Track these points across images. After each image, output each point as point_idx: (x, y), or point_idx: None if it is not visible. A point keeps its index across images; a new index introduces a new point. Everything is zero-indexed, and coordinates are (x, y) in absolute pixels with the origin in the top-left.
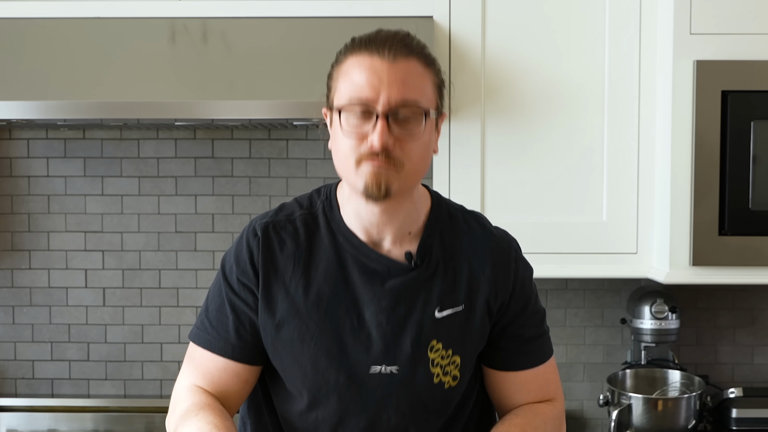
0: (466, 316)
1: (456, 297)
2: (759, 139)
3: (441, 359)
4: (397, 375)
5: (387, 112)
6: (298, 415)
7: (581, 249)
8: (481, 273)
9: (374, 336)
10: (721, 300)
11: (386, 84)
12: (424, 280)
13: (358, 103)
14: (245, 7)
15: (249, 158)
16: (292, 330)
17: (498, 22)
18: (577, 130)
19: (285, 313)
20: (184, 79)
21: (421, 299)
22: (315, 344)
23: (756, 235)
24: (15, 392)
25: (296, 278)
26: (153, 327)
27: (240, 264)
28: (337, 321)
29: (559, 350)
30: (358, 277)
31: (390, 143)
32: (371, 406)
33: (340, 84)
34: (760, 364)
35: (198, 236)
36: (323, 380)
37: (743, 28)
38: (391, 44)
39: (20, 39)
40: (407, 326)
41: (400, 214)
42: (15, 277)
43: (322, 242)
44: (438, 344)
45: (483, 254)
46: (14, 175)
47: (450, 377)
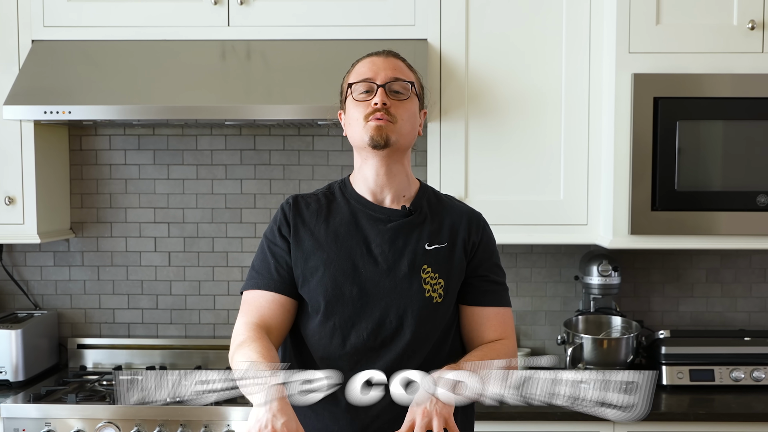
0: (449, 251)
1: (441, 237)
2: (683, 135)
3: (431, 279)
4: (397, 288)
5: (383, 83)
6: (319, 326)
7: (543, 221)
8: (459, 224)
9: (379, 260)
10: (653, 261)
11: (382, 68)
12: (416, 224)
13: (364, 80)
14: (280, 32)
15: (283, 150)
16: (317, 259)
17: (478, 44)
18: (540, 129)
19: (311, 248)
20: (232, 88)
21: (414, 236)
22: (334, 267)
23: (681, 210)
24: (99, 334)
25: (318, 224)
26: (207, 282)
27: (277, 222)
28: (350, 250)
29: (525, 301)
30: (366, 222)
31: (387, 103)
32: (377, 313)
33: (350, 77)
34: (684, 311)
35: (243, 211)
36: (341, 293)
37: (670, 48)
38: (385, 51)
39: (105, 57)
40: (404, 254)
41: (396, 177)
42: (99, 244)
43: (338, 204)
44: (428, 268)
45: (460, 215)
46: (99, 164)
47: (437, 294)
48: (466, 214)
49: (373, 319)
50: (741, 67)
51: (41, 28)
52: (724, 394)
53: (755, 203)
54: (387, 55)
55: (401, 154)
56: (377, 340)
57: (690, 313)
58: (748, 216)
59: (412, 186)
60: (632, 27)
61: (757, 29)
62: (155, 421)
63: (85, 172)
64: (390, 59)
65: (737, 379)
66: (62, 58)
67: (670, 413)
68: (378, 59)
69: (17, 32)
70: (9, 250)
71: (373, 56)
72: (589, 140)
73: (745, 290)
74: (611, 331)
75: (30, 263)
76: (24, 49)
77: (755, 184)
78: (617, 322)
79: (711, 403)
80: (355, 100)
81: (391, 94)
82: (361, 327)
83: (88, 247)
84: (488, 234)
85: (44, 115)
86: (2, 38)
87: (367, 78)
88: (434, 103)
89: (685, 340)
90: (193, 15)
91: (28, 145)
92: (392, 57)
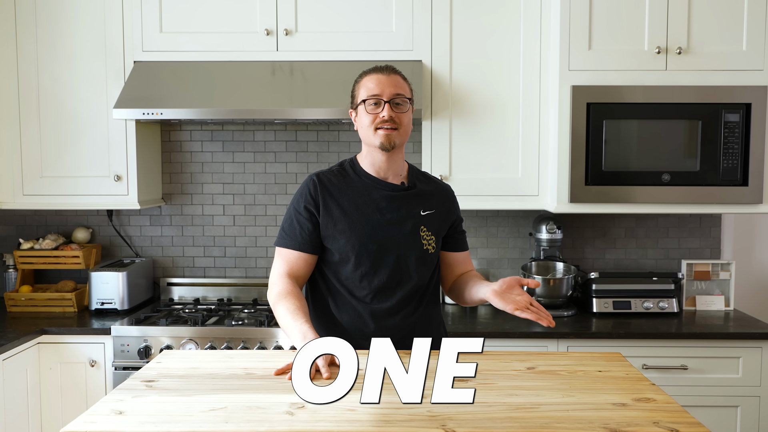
0: (437, 216)
1: (431, 205)
2: (608, 130)
3: (427, 236)
4: (404, 244)
5: (389, 99)
6: (350, 272)
7: (506, 193)
8: (441, 196)
9: (389, 223)
10: (586, 222)
11: (387, 85)
12: (412, 196)
13: (373, 97)
14: (314, 55)
15: (317, 141)
16: (344, 223)
17: (459, 64)
18: (504, 125)
19: (338, 214)
20: (279, 96)
21: (412, 204)
22: (358, 229)
23: (607, 185)
24: (183, 275)
25: (341, 197)
26: (262, 237)
27: (303, 196)
28: (368, 216)
29: (493, 251)
30: (376, 194)
31: (393, 115)
32: (392, 262)
33: (360, 91)
34: (609, 258)
35: (287, 186)
36: (365, 249)
37: (599, 66)
38: (386, 68)
39: (187, 73)
40: (407, 219)
41: (396, 162)
42: (183, 209)
43: (352, 180)
44: (424, 228)
45: (440, 190)
46: (182, 151)
47: (431, 246)
48: (444, 189)
49: (389, 266)
50: (650, 81)
51: (141, 52)
52: (638, 319)
53: (661, 180)
54: (389, 72)
55: (400, 148)
56: (393, 281)
57: (613, 260)
58: (655, 189)
59: (405, 166)
60: (571, 51)
61: (662, 53)
62: (223, 339)
63: (172, 157)
64: (392, 76)
65: (648, 308)
66: (156, 74)
67: (598, 333)
68: (383, 77)
69: (123, 56)
70: (117, 214)
71: (378, 73)
72: (540, 133)
73: (653, 243)
74: (556, 273)
75: (132, 224)
76: (128, 68)
77: (661, 166)
78: (560, 266)
79: (628, 325)
80: (367, 112)
81: (394, 106)
82: (381, 272)
83: (175, 212)
84: (457, 202)
85: (143, 115)
86: (112, 60)
87: (376, 95)
88: (426, 107)
89: (609, 279)
90: (251, 43)
91: (131, 138)
92: (393, 74)
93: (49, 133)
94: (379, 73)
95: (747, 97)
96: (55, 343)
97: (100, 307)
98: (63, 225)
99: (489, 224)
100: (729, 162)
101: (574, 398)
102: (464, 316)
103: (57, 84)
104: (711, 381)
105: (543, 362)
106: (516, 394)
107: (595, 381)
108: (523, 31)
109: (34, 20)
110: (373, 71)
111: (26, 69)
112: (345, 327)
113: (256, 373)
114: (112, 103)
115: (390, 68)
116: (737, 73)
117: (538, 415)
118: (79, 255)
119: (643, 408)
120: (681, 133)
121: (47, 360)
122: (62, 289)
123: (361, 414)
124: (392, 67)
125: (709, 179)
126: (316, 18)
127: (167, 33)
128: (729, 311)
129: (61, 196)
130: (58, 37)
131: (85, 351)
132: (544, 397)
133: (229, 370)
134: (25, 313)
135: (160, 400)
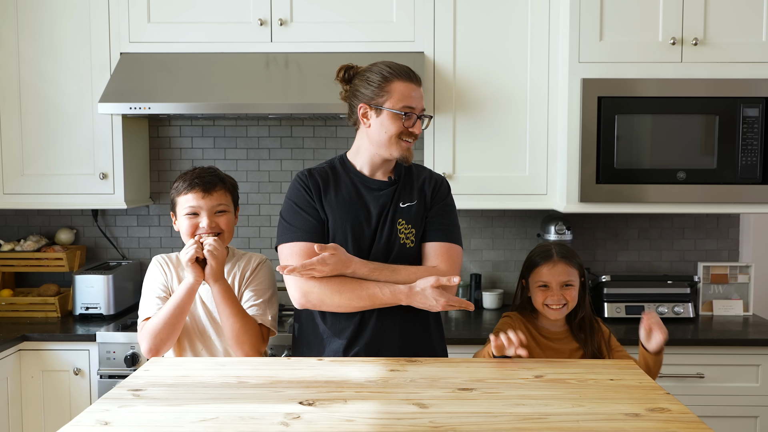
0: (417, 207)
1: (411, 196)
2: (620, 125)
3: (405, 229)
4: (383, 239)
5: (420, 114)
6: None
7: (513, 192)
8: (425, 184)
9: (373, 219)
10: (597, 222)
11: (419, 99)
12: (396, 189)
13: (411, 109)
14: (310, 46)
15: (313, 137)
16: (336, 217)
17: (462, 56)
18: (511, 121)
19: (330, 209)
20: (273, 89)
21: (394, 198)
22: (349, 221)
23: (619, 183)
24: None
25: (332, 193)
26: (255, 239)
27: (302, 189)
28: (356, 213)
29: (499, 253)
30: (363, 190)
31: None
32: (371, 257)
33: (394, 95)
34: (621, 261)
35: (282, 184)
36: (354, 235)
37: (611, 58)
38: (417, 77)
39: (176, 66)
40: (387, 212)
41: (389, 163)
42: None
43: (341, 176)
44: (402, 221)
45: (427, 177)
46: (171, 147)
47: (409, 240)
48: (430, 176)
49: (371, 250)
50: (665, 74)
51: (127, 44)
52: None
53: (675, 178)
54: (419, 83)
55: None
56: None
57: (626, 263)
58: (670, 188)
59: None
60: (581, 43)
61: (677, 44)
62: None
63: (161, 154)
64: (420, 89)
65: (662, 313)
66: (143, 66)
67: None
68: (416, 87)
69: (109, 47)
70: (103, 214)
71: (412, 83)
72: (548, 129)
73: (668, 245)
74: None
75: (119, 224)
76: (114, 60)
77: (675, 163)
78: None
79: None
80: (403, 123)
81: (419, 121)
82: (365, 253)
83: (164, 211)
84: (444, 187)
85: (130, 110)
86: (97, 52)
87: (413, 108)
88: (429, 101)
89: (621, 283)
90: (244, 33)
91: (118, 134)
92: (420, 86)
93: (31, 129)
94: (413, 82)
95: (767, 91)
96: (36, 350)
97: (85, 312)
98: (45, 225)
99: (495, 225)
100: (748, 159)
101: (584, 408)
102: (469, 322)
103: (39, 76)
104: (729, 390)
105: (551, 370)
106: (523, 403)
107: (607, 390)
108: (531, 22)
109: (15, 9)
110: (407, 78)
111: (6, 61)
112: (327, 327)
113: (249, 382)
114: (97, 96)
115: (419, 78)
116: (756, 65)
117: (547, 426)
118: (63, 257)
119: (657, 419)
120: (697, 129)
121: (28, 368)
122: (44, 293)
123: (360, 425)
124: (419, 77)
125: (727, 177)
126: (313, 7)
127: (155, 23)
128: (748, 316)
129: (43, 195)
130: (41, 27)
131: (69, 358)
132: (553, 407)
133: (221, 379)
134: (5, 318)
135: (147, 410)
